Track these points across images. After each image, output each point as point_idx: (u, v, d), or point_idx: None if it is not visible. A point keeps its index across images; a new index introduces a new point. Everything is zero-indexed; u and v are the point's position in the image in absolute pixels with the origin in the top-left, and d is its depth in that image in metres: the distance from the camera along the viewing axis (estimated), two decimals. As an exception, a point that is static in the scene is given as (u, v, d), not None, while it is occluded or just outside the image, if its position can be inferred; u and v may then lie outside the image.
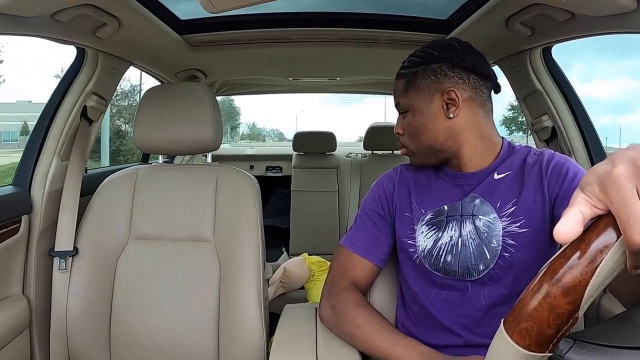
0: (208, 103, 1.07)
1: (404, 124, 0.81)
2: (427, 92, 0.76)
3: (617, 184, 0.28)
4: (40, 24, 0.85)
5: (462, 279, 0.75)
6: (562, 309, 0.30)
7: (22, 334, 1.02)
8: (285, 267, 1.73)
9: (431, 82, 0.75)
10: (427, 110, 0.76)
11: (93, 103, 1.18)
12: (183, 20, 1.23)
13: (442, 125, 0.76)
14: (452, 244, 0.76)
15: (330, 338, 0.86)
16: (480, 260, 0.73)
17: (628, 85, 32.64)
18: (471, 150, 0.77)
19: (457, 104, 0.74)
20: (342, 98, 27.08)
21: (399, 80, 0.81)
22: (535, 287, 0.32)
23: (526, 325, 0.32)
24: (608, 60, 27.10)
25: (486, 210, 0.74)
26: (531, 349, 0.31)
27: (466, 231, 0.75)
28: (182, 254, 1.04)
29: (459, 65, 0.75)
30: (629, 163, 0.28)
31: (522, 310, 0.32)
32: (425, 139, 0.77)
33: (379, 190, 0.87)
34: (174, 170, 1.13)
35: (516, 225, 0.72)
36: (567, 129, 1.14)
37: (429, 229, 0.78)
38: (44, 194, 1.09)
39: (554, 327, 0.31)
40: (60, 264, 1.03)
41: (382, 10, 1.28)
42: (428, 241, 0.78)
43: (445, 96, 0.75)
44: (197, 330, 1.00)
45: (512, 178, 0.75)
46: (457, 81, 0.75)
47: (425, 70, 0.76)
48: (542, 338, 0.31)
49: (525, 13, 0.92)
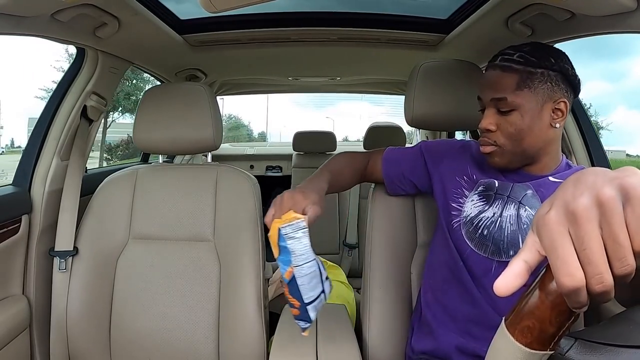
0: (208, 103, 1.07)
1: (501, 122, 0.77)
2: (541, 97, 0.74)
3: (548, 228, 0.29)
4: (40, 24, 0.85)
5: (490, 257, 0.78)
6: (564, 307, 0.30)
7: (22, 334, 1.02)
8: (285, 266, 1.72)
9: (547, 88, 0.74)
10: (537, 114, 0.74)
11: (93, 103, 1.18)
12: (183, 20, 1.23)
13: (545, 134, 0.75)
14: (492, 220, 0.79)
15: (330, 338, 0.86)
16: (512, 246, 0.76)
17: (602, 88, 32.77)
18: (549, 161, 0.79)
19: (564, 116, 0.75)
20: (316, 100, 26.49)
21: (509, 74, 0.75)
22: (538, 284, 0.32)
23: (528, 323, 0.31)
24: (582, 62, 27.14)
25: (534, 204, 0.76)
26: (533, 346, 0.31)
27: (507, 214, 0.78)
28: (182, 253, 1.04)
29: (569, 79, 0.75)
30: (562, 207, 0.29)
31: (523, 307, 0.32)
32: (527, 142, 0.76)
33: (439, 146, 0.93)
34: (174, 170, 1.13)
35: None
36: (567, 129, 1.15)
37: (479, 199, 0.82)
38: (44, 194, 1.09)
39: (556, 324, 0.31)
40: (60, 263, 1.03)
41: (383, 10, 1.28)
42: (474, 209, 0.81)
43: (555, 105, 0.74)
44: (197, 329, 1.00)
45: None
46: (564, 93, 0.75)
47: (543, 75, 0.73)
48: (544, 336, 0.31)
49: (525, 13, 0.92)
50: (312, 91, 2.86)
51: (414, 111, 1.02)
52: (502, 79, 0.75)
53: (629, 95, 33.09)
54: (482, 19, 1.02)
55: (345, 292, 1.62)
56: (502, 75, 0.75)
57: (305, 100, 28.10)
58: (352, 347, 0.83)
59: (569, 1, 0.79)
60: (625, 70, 35.36)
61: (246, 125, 22.08)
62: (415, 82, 1.02)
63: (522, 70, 0.74)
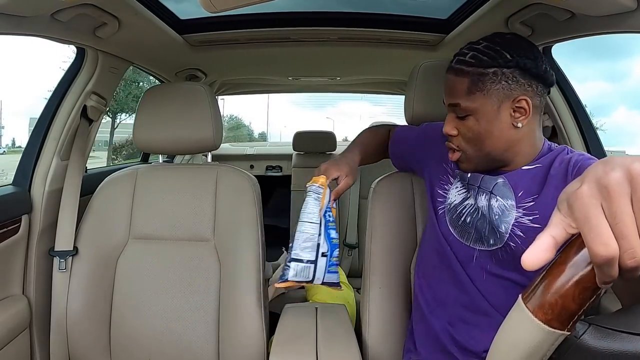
0: (208, 103, 1.07)
1: (460, 126, 0.75)
2: (496, 98, 0.70)
3: (581, 201, 0.29)
4: (40, 23, 0.85)
5: (472, 245, 0.77)
6: (589, 283, 0.30)
7: (22, 334, 1.02)
8: (285, 266, 1.72)
9: (502, 88, 0.69)
10: (494, 117, 0.71)
11: (93, 103, 1.18)
12: (183, 20, 1.23)
13: (507, 135, 0.71)
14: (475, 208, 0.77)
15: (330, 338, 0.86)
16: (492, 235, 0.74)
17: (601, 88, 32.64)
18: (522, 159, 0.75)
19: (527, 114, 0.70)
20: (316, 100, 26.27)
21: (461, 78, 0.72)
22: (562, 260, 0.31)
23: (550, 299, 0.31)
24: (581, 63, 27.03)
25: (506, 194, 0.73)
26: (552, 324, 0.31)
27: (481, 204, 0.76)
28: (182, 253, 1.04)
29: (531, 72, 0.69)
30: (594, 182, 0.29)
31: (546, 283, 0.31)
32: (488, 146, 0.73)
33: (428, 133, 0.94)
34: (174, 169, 1.13)
35: (529, 218, 0.71)
36: (567, 128, 1.14)
37: (462, 187, 0.81)
38: (44, 194, 1.09)
39: (579, 301, 0.30)
40: (60, 263, 1.03)
41: (383, 10, 1.28)
42: (458, 197, 0.81)
43: (515, 104, 0.70)
44: (197, 329, 1.00)
45: (538, 171, 0.73)
46: (526, 89, 0.69)
47: (496, 74, 0.69)
48: (565, 313, 0.31)
49: (525, 12, 0.92)
50: (312, 91, 2.86)
51: (414, 111, 1.02)
52: (455, 83, 0.73)
53: (629, 95, 33.12)
54: (482, 19, 1.02)
55: (345, 292, 1.62)
56: (455, 80, 0.73)
57: (305, 100, 28.02)
58: (352, 347, 0.83)
59: (569, 1, 0.79)
60: (626, 71, 35.43)
61: (247, 125, 22.05)
62: (415, 82, 1.02)
63: (472, 72, 0.71)
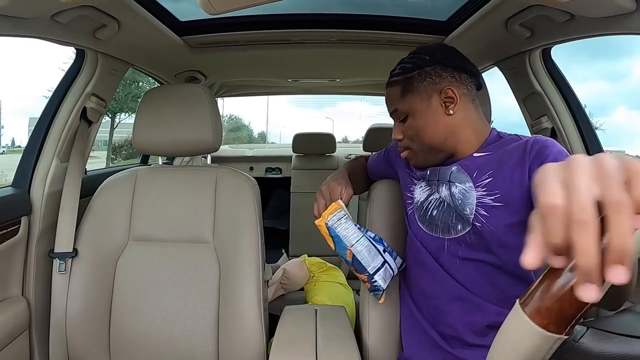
0: (208, 104, 1.07)
1: (403, 129, 0.84)
2: (425, 94, 0.79)
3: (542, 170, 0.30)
4: (40, 25, 0.86)
5: (441, 236, 0.81)
6: None
7: (22, 336, 1.02)
8: (285, 268, 1.72)
9: (428, 84, 0.79)
10: (427, 110, 0.79)
11: (93, 104, 1.18)
12: (182, 22, 1.23)
13: (442, 123, 0.79)
14: (440, 201, 0.82)
15: (330, 340, 0.86)
16: (459, 221, 0.78)
17: (601, 88, 32.70)
18: (467, 147, 0.81)
19: (455, 101, 0.78)
20: (316, 100, 26.00)
21: (393, 87, 0.83)
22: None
23: (547, 304, 0.31)
24: (581, 63, 27.22)
25: (462, 179, 0.78)
26: (549, 328, 0.31)
27: (443, 195, 0.81)
28: (182, 255, 1.04)
29: (450, 65, 0.79)
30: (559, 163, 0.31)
31: (543, 288, 0.31)
32: (428, 138, 0.80)
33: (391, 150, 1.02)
34: (174, 171, 1.13)
35: (490, 198, 0.74)
36: (567, 130, 1.15)
37: (425, 185, 0.87)
38: (43, 195, 1.09)
39: (576, 306, 0.30)
40: (59, 265, 1.03)
41: (382, 12, 1.28)
42: (422, 194, 0.87)
43: (443, 95, 0.78)
44: (197, 331, 1.00)
45: (490, 157, 0.78)
46: (451, 80, 0.79)
47: (420, 74, 0.79)
48: (562, 318, 0.31)
49: (524, 14, 0.92)
50: (312, 93, 2.87)
51: None
52: (390, 93, 0.84)
53: (629, 95, 33.18)
54: (482, 21, 1.03)
55: (344, 293, 1.62)
56: (390, 90, 0.85)
57: (304, 100, 27.90)
58: (352, 349, 0.83)
59: (568, 3, 0.79)
60: (625, 70, 35.53)
61: (247, 125, 22.05)
62: None
63: (401, 79, 0.82)
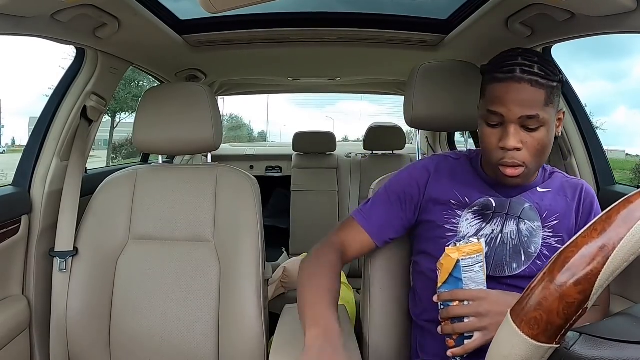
0: (208, 103, 1.07)
1: (527, 139, 0.71)
2: (555, 110, 0.73)
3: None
4: (40, 24, 0.85)
5: (492, 274, 0.75)
6: (572, 299, 0.30)
7: (22, 335, 1.02)
8: (285, 267, 1.73)
9: (558, 100, 0.73)
10: (554, 127, 0.74)
11: (93, 103, 1.18)
12: (183, 21, 1.23)
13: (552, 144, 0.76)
14: (492, 237, 0.77)
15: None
16: (514, 259, 0.76)
17: (602, 88, 32.76)
18: (539, 170, 0.80)
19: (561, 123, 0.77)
20: (316, 99, 25.62)
21: (539, 90, 0.69)
22: (546, 276, 0.32)
23: (535, 315, 0.31)
24: (582, 63, 27.22)
25: (533, 217, 0.77)
26: (539, 339, 0.31)
27: (508, 230, 0.78)
28: (182, 254, 1.04)
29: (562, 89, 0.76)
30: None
31: (531, 299, 0.32)
32: (545, 156, 0.75)
33: (411, 177, 0.85)
34: (174, 170, 1.13)
35: (555, 240, 0.76)
36: (567, 129, 1.14)
37: (474, 218, 0.79)
38: (43, 194, 1.09)
39: (564, 317, 0.31)
40: (60, 264, 1.03)
41: (382, 10, 1.28)
42: (471, 229, 0.79)
43: (558, 116, 0.75)
44: (197, 330, 1.00)
45: (551, 196, 0.79)
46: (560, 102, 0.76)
47: (558, 88, 0.72)
48: (551, 328, 0.31)
49: (524, 13, 0.92)
50: (312, 91, 2.86)
51: (414, 112, 1.02)
52: (533, 95, 0.69)
53: (629, 94, 33.10)
54: (482, 20, 1.02)
55: (345, 292, 1.62)
56: (533, 91, 0.69)
57: (304, 99, 27.73)
58: (352, 348, 0.83)
59: (568, 1, 0.79)
60: (626, 70, 35.47)
61: (247, 124, 22.03)
62: (414, 82, 1.02)
63: (546, 84, 0.69)
